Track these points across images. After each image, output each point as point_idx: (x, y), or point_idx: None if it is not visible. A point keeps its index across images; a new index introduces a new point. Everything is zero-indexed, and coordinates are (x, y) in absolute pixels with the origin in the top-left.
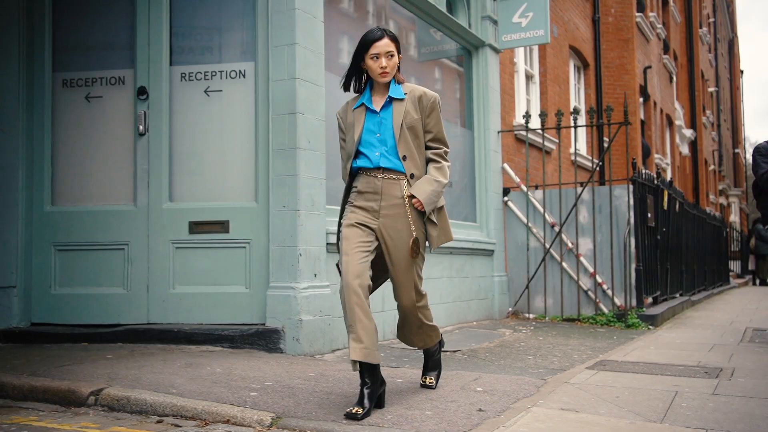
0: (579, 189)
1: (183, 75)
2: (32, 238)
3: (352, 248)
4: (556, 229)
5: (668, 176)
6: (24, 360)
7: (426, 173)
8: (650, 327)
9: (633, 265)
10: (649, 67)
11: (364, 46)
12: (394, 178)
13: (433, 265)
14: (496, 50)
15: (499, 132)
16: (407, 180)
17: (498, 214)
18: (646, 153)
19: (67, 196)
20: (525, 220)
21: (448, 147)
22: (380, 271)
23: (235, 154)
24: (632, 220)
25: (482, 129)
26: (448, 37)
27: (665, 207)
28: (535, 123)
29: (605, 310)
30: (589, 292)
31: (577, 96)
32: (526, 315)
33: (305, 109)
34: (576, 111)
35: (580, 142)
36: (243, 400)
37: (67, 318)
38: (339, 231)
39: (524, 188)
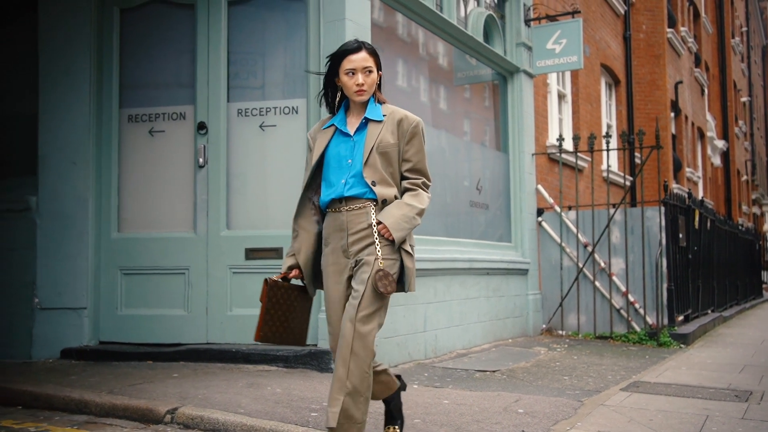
0: (611, 210)
1: (239, 111)
2: (101, 263)
3: (336, 308)
4: (589, 248)
5: (699, 189)
6: (99, 378)
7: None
8: (682, 346)
9: (665, 285)
10: (680, 82)
11: (337, 59)
12: (360, 207)
13: (470, 286)
14: (530, 75)
15: (533, 155)
16: (378, 206)
17: (532, 234)
18: (678, 167)
19: (133, 224)
20: (558, 240)
21: (429, 179)
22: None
23: (289, 184)
24: (664, 241)
25: (517, 152)
26: (484, 64)
27: (696, 226)
28: (568, 143)
29: (637, 329)
30: (622, 311)
31: (608, 113)
32: (560, 332)
33: None
34: (608, 135)
35: (612, 159)
36: (306, 420)
37: (131, 337)
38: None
39: (558, 209)
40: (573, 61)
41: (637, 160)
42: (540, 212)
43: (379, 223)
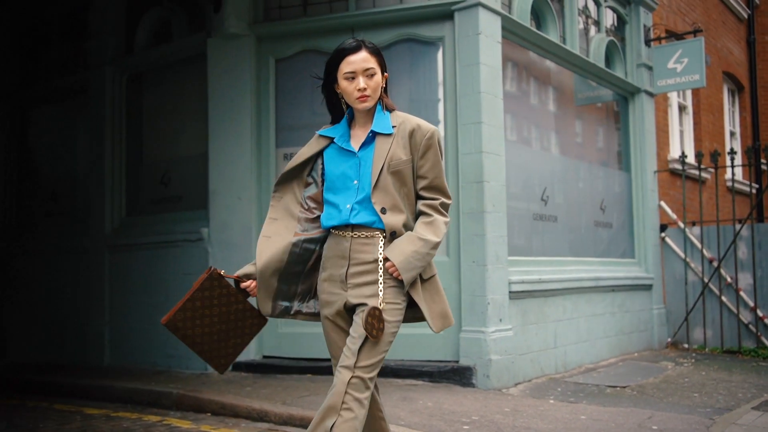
0: (737, 226)
1: None
2: None
3: (339, 353)
4: (714, 264)
5: None
6: (270, 390)
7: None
8: None
9: None
10: None
11: (335, 61)
12: (367, 236)
13: (597, 303)
14: (651, 94)
15: (655, 172)
16: (386, 238)
17: (655, 249)
18: None
19: None
20: (683, 256)
21: (449, 198)
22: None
23: None
24: None
25: (639, 170)
26: (605, 87)
27: None
28: (690, 157)
29: (767, 344)
30: (750, 326)
31: (731, 120)
32: (685, 345)
33: (490, 178)
34: (733, 151)
35: (736, 169)
36: None
37: (290, 352)
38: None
39: (681, 225)
40: (695, 79)
41: (764, 167)
42: (663, 228)
43: (386, 259)
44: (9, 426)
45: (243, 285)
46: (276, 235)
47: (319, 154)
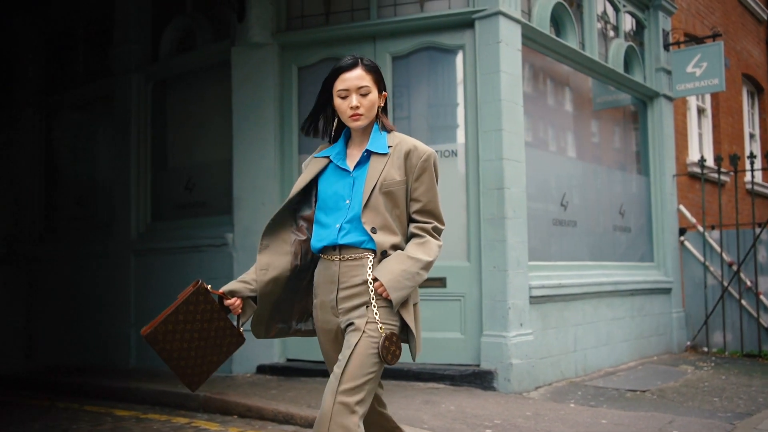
0: (757, 230)
1: None
2: None
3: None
4: (734, 267)
5: None
6: (295, 392)
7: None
8: None
9: None
10: None
11: (330, 79)
12: (356, 258)
13: (616, 307)
14: (669, 99)
15: (674, 176)
16: (376, 258)
17: (674, 253)
18: None
19: None
20: (702, 259)
21: (442, 223)
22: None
23: (450, 221)
24: None
25: (658, 174)
26: (624, 91)
27: None
28: (708, 160)
29: None
30: None
31: (751, 122)
32: (704, 349)
33: (510, 184)
34: (752, 155)
35: (756, 172)
36: None
37: (314, 355)
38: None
39: (701, 229)
40: (714, 84)
41: None
42: (682, 232)
43: (375, 279)
44: (44, 427)
45: (227, 302)
46: (272, 267)
47: (318, 176)
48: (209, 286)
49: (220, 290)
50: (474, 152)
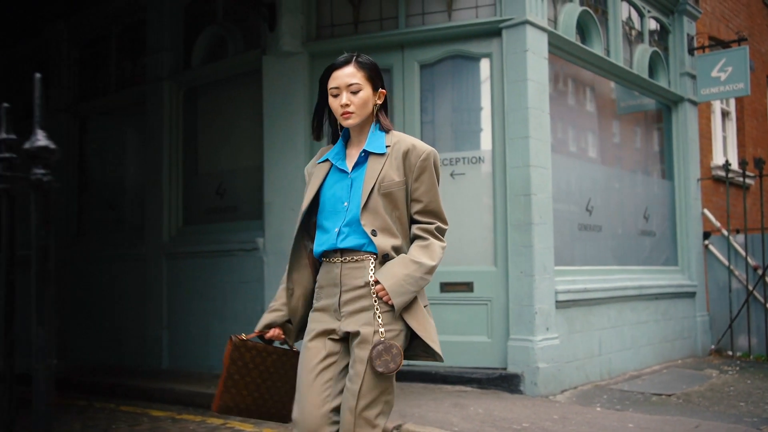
0: None
1: None
2: None
3: (308, 377)
4: (759, 272)
5: None
6: None
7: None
8: None
9: None
10: None
11: (324, 77)
12: (357, 260)
13: (641, 311)
14: (694, 103)
15: (698, 180)
16: (377, 261)
17: (699, 257)
18: None
19: None
20: (726, 263)
21: (445, 222)
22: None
23: (477, 226)
24: None
25: (682, 178)
26: (648, 96)
27: None
28: (733, 163)
29: None
30: None
31: None
32: (729, 352)
33: (537, 191)
34: None
35: None
36: None
37: None
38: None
39: (725, 233)
40: (740, 88)
41: None
42: (707, 235)
43: (377, 282)
44: (84, 427)
45: (268, 336)
46: (298, 285)
47: (323, 182)
48: (243, 335)
49: (256, 330)
50: (501, 159)
